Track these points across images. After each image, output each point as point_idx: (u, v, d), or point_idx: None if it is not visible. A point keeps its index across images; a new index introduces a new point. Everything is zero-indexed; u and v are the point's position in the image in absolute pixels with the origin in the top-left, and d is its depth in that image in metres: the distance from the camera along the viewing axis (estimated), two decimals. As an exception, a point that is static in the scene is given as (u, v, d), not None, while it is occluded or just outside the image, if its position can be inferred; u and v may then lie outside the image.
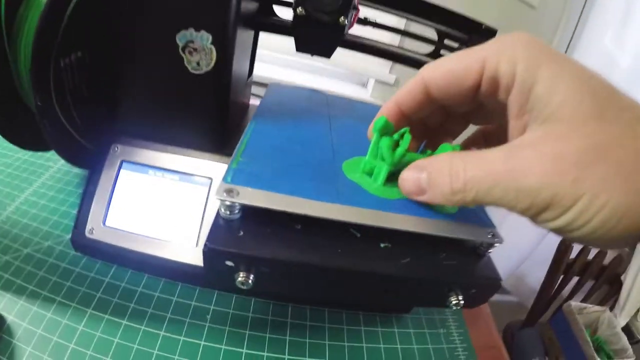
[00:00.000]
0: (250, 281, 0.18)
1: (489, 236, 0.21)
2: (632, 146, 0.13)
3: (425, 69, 0.19)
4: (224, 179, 0.19)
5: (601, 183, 0.13)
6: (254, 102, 0.46)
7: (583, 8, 1.03)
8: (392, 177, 0.22)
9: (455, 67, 0.18)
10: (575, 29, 1.05)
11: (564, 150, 0.14)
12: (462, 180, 0.16)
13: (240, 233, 0.18)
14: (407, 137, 0.21)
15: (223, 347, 0.29)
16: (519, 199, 0.15)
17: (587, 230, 0.14)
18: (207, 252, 0.17)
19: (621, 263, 0.88)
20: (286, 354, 0.29)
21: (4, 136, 0.30)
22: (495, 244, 0.21)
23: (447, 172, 0.17)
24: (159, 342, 0.28)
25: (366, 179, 0.23)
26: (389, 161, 0.21)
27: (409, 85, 0.20)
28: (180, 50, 0.28)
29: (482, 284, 0.20)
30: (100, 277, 0.32)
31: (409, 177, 0.20)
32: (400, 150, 0.21)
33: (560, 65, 0.15)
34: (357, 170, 0.24)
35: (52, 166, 0.44)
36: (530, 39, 0.16)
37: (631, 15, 0.92)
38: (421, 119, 0.22)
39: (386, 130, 0.22)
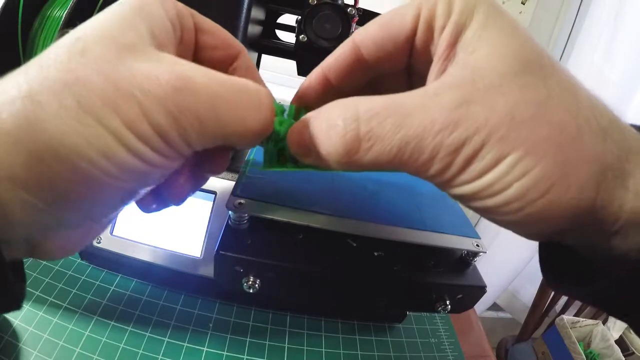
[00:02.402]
0: (257, 285, 0.19)
1: (475, 246, 0.23)
2: (574, 112, 0.11)
3: (357, 32, 0.16)
4: (234, 192, 0.21)
5: (533, 144, 0.11)
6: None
7: (573, 25, 1.08)
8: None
9: (391, 17, 0.15)
10: (566, 45, 1.09)
11: (494, 99, 0.11)
12: (364, 127, 0.12)
13: (249, 241, 0.20)
14: (291, 108, 0.17)
15: (225, 353, 0.30)
16: (439, 152, 0.12)
17: (500, 199, 0.12)
18: (219, 258, 0.19)
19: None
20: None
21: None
22: (480, 253, 0.23)
23: (340, 117, 0.13)
24: (163, 347, 0.29)
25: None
26: (273, 137, 0.16)
27: (339, 49, 0.17)
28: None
29: (468, 289, 0.22)
30: (106, 285, 0.33)
31: (292, 131, 0.15)
32: (284, 124, 0.16)
33: (496, 12, 0.13)
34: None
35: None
36: None
37: (620, 31, 0.96)
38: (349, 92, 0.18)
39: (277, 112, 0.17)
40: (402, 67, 0.16)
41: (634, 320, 0.14)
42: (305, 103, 0.18)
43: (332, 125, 0.13)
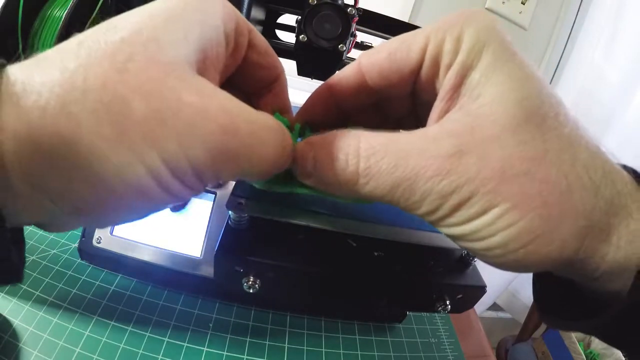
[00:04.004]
0: (257, 285, 0.19)
1: (474, 246, 0.23)
2: (567, 169, 0.12)
3: (364, 54, 0.16)
4: (234, 192, 0.21)
5: (521, 199, 0.11)
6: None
7: (573, 25, 1.08)
8: None
9: (397, 47, 0.15)
10: (566, 45, 1.10)
11: (490, 152, 0.12)
12: (363, 164, 0.13)
13: (249, 241, 0.20)
14: (297, 128, 0.17)
15: (225, 353, 0.30)
16: (429, 196, 0.12)
17: (485, 244, 0.12)
18: (219, 258, 0.19)
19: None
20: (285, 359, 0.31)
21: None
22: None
23: (342, 150, 0.13)
24: (163, 347, 0.29)
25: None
26: None
27: (344, 70, 0.17)
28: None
29: (468, 289, 0.22)
30: (106, 285, 0.33)
31: (297, 151, 0.15)
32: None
33: (506, 54, 0.13)
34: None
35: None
36: (482, 18, 0.13)
37: (620, 31, 0.96)
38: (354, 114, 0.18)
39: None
40: (406, 93, 0.17)
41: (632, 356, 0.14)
42: (309, 117, 0.18)
43: (334, 158, 0.13)
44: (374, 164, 0.13)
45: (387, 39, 0.40)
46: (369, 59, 0.16)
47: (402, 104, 0.17)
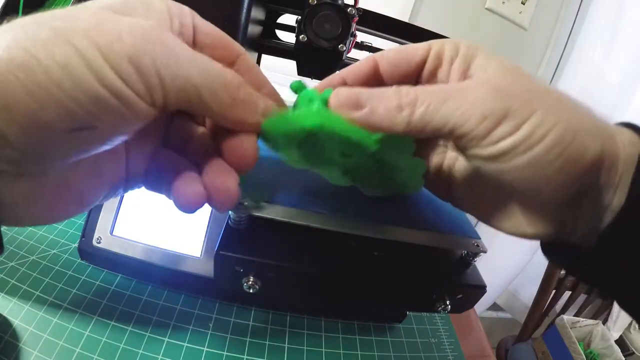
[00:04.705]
0: (257, 285, 0.19)
1: (475, 246, 0.23)
2: (566, 96, 0.15)
3: (378, 52, 0.20)
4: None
5: (551, 107, 0.14)
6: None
7: (573, 25, 1.08)
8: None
9: (406, 48, 0.19)
10: (566, 46, 1.09)
11: (516, 85, 0.15)
12: (413, 94, 0.15)
13: (249, 241, 0.20)
14: (328, 92, 0.16)
15: (225, 353, 0.30)
16: (472, 111, 0.14)
17: (536, 152, 0.14)
18: (219, 258, 0.19)
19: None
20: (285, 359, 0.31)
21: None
22: (480, 253, 0.23)
23: (393, 90, 0.16)
24: (163, 347, 0.29)
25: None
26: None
27: (359, 62, 0.20)
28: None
29: (468, 289, 0.22)
30: (106, 285, 0.33)
31: (343, 90, 0.16)
32: (317, 103, 0.16)
33: (493, 55, 0.17)
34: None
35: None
36: (470, 43, 0.18)
37: (620, 31, 0.96)
38: None
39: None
40: (411, 82, 0.19)
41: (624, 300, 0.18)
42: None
43: (394, 90, 0.16)
44: (428, 95, 0.15)
45: (387, 39, 0.40)
46: (382, 53, 0.19)
47: (410, 81, 0.20)
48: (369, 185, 0.23)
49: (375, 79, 0.19)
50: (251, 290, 0.19)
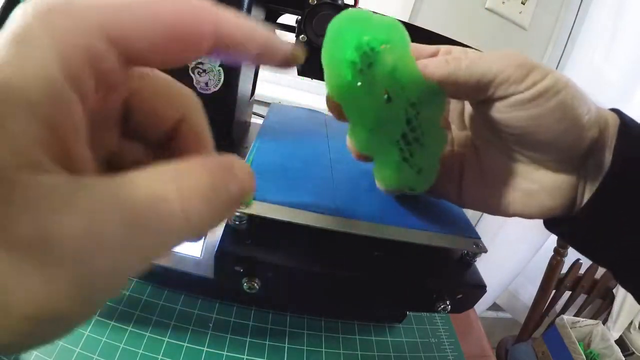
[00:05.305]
0: (257, 285, 0.19)
1: (474, 246, 0.23)
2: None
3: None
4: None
5: (561, 76, 0.18)
6: (255, 120, 0.48)
7: (573, 25, 1.08)
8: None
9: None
10: (565, 46, 1.09)
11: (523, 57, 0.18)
12: (456, 53, 0.20)
13: (249, 241, 0.20)
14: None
15: (225, 353, 0.30)
16: (508, 62, 0.17)
17: (563, 95, 0.17)
18: (219, 258, 0.19)
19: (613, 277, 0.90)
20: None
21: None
22: (480, 253, 0.23)
23: (441, 51, 0.21)
24: (163, 347, 0.29)
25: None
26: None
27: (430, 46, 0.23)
28: (190, 71, 0.31)
29: (468, 289, 0.22)
30: (106, 285, 0.33)
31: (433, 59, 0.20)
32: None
33: None
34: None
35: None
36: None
37: (620, 31, 0.96)
38: None
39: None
40: None
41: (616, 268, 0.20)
42: None
43: (442, 52, 0.21)
44: (468, 54, 0.19)
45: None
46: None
47: None
48: (387, 166, 0.23)
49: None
50: (251, 291, 0.19)
